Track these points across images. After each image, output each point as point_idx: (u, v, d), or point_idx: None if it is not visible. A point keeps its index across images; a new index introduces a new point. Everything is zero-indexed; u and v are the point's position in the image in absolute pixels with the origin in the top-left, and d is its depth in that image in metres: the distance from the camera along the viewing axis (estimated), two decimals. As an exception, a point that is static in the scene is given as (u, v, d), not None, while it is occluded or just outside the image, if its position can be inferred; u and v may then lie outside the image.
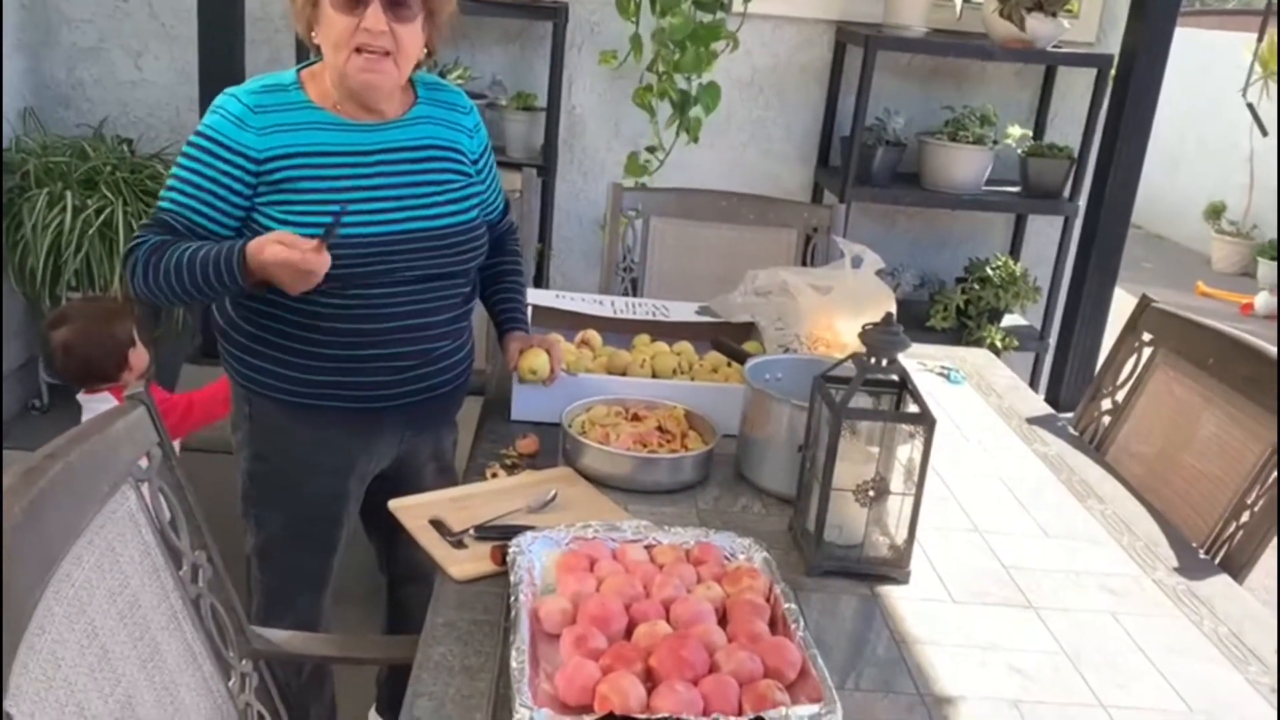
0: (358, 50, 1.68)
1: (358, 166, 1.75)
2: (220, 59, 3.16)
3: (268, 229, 1.69)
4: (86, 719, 1.09)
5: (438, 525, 1.54)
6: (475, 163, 1.90)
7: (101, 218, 3.13)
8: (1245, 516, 1.83)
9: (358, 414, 1.80)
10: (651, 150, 3.39)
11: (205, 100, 3.21)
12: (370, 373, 1.78)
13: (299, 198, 1.71)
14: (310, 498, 1.87)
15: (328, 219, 1.63)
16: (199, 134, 1.73)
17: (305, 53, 3.41)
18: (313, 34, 1.74)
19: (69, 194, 3.15)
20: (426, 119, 1.83)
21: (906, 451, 1.53)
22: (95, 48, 3.57)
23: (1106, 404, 2.27)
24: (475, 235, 1.86)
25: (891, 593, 1.52)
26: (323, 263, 1.59)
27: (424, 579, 1.50)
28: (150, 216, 1.74)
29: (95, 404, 2.49)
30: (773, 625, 1.31)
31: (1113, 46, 3.53)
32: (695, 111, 3.33)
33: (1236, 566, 1.78)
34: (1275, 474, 1.82)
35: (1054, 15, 3.36)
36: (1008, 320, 3.69)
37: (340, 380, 1.78)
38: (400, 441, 1.92)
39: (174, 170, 1.74)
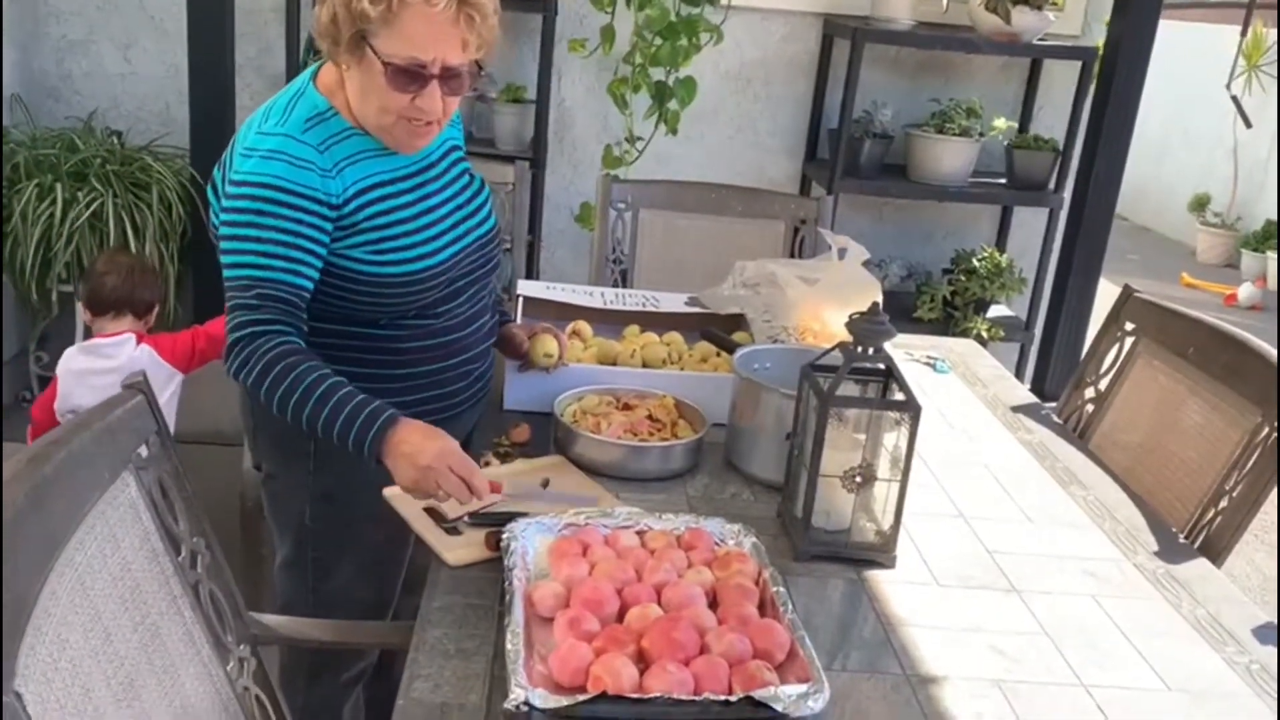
0: (404, 117, 1.59)
1: (414, 190, 1.69)
2: (210, 52, 3.17)
3: (352, 272, 1.62)
4: (92, 700, 1.11)
5: (432, 513, 1.57)
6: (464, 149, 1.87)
7: (91, 210, 3.14)
8: (1224, 502, 1.87)
9: (436, 425, 1.61)
10: (629, 141, 3.42)
11: (195, 93, 3.22)
12: (447, 383, 1.75)
13: (379, 234, 1.63)
14: (378, 527, 1.71)
15: (409, 254, 1.63)
16: (273, 188, 1.54)
17: (295, 45, 3.45)
18: (342, 64, 1.58)
19: (59, 186, 3.15)
20: None
21: (893, 439, 1.56)
22: (84, 40, 3.58)
23: (1090, 393, 2.30)
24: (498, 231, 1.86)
25: (878, 577, 1.54)
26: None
27: None
28: (245, 290, 1.54)
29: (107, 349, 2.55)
30: (762, 608, 1.34)
31: (1097, 39, 3.57)
32: (672, 105, 3.36)
33: (1215, 551, 1.81)
34: (1253, 460, 1.86)
35: (1039, 8, 3.38)
36: (993, 311, 3.72)
37: (421, 396, 1.72)
38: (462, 443, 1.78)
39: (251, 232, 1.54)
